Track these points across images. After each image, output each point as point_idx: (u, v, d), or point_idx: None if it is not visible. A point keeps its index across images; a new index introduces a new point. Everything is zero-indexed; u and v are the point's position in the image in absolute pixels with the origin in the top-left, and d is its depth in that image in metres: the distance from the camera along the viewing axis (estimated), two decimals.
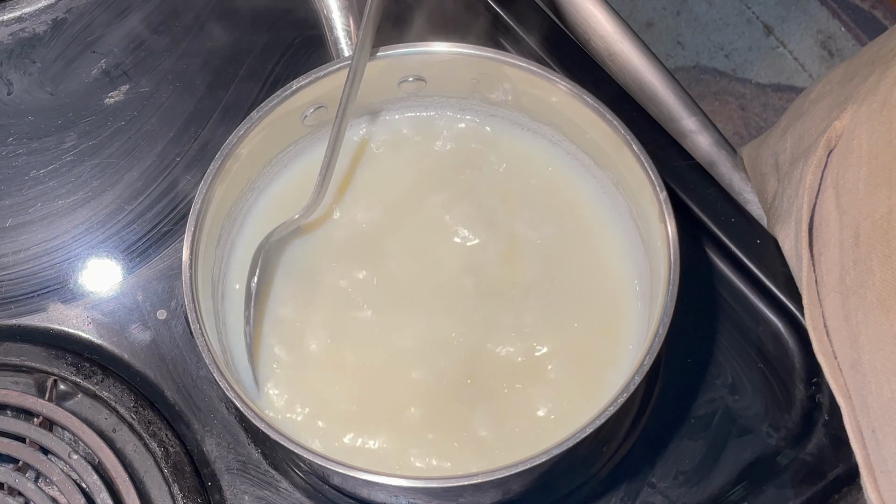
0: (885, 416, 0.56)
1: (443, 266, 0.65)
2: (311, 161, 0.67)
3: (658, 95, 0.77)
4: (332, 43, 0.66)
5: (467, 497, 0.60)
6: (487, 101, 0.67)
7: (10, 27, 0.75)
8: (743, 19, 1.50)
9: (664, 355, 0.68)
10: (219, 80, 0.74)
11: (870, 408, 0.57)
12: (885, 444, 0.56)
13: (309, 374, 0.62)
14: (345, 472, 0.54)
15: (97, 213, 0.72)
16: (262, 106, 0.63)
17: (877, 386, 0.56)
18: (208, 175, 0.61)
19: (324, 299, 0.64)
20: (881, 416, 0.57)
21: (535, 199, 0.67)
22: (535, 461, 0.54)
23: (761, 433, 0.66)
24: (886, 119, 0.57)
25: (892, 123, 0.57)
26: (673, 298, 0.57)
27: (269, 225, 0.66)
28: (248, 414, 0.56)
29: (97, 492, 0.63)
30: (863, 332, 0.57)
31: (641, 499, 0.65)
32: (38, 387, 0.66)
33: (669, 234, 0.59)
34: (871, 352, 0.56)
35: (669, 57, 1.46)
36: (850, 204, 0.60)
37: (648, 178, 0.60)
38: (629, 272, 0.64)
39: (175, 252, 0.70)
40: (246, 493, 0.65)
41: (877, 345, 0.55)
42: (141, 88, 0.75)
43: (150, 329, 0.69)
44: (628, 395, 0.55)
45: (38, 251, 0.71)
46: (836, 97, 0.64)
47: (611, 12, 0.78)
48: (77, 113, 0.74)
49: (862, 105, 0.60)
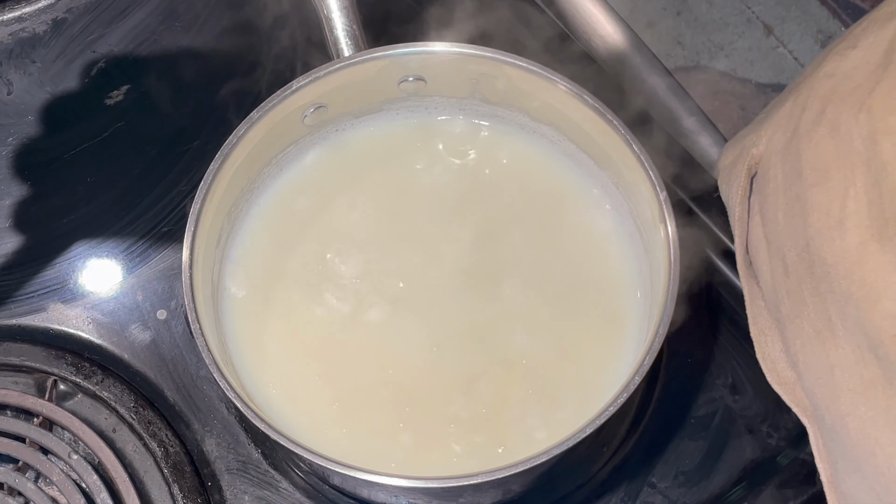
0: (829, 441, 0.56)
1: (441, 266, 0.65)
2: (311, 161, 0.67)
3: (658, 95, 0.77)
4: (332, 43, 0.65)
5: (467, 497, 0.60)
6: (487, 101, 0.67)
7: (10, 27, 0.75)
8: (743, 19, 1.50)
9: (664, 355, 0.68)
10: (219, 80, 0.74)
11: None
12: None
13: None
14: (345, 472, 0.54)
15: (97, 213, 0.72)
16: (262, 106, 0.62)
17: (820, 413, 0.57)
18: (208, 175, 0.61)
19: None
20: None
21: (534, 199, 0.67)
22: (535, 461, 0.54)
23: (761, 433, 0.66)
24: (796, 149, 0.57)
25: (801, 154, 0.56)
26: (673, 298, 0.57)
27: (268, 225, 0.66)
28: (248, 414, 0.56)
29: (97, 492, 0.63)
30: (801, 361, 0.57)
31: (641, 499, 0.65)
32: (38, 387, 0.66)
33: (669, 234, 0.59)
34: (810, 380, 0.56)
35: (669, 57, 1.46)
36: (773, 234, 0.59)
37: (648, 178, 0.60)
38: (629, 272, 0.64)
39: (175, 252, 0.70)
40: (246, 493, 0.65)
41: (815, 374, 0.56)
42: (141, 88, 0.75)
43: (150, 329, 0.69)
44: (628, 395, 0.55)
45: (38, 251, 0.71)
46: (757, 123, 0.64)
47: (611, 12, 0.78)
48: (77, 113, 0.74)
49: (776, 133, 0.60)
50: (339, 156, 0.68)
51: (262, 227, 0.66)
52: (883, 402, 0.50)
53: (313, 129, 0.67)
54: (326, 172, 0.67)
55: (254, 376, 0.62)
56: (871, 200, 0.50)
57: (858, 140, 0.52)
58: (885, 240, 0.49)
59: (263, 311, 0.64)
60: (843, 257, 0.52)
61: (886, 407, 0.50)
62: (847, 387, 0.53)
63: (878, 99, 0.51)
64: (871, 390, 0.51)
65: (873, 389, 0.51)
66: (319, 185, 0.67)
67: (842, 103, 0.54)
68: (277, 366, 0.63)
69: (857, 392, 0.52)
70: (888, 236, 0.49)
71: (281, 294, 0.64)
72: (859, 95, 0.52)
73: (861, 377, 0.52)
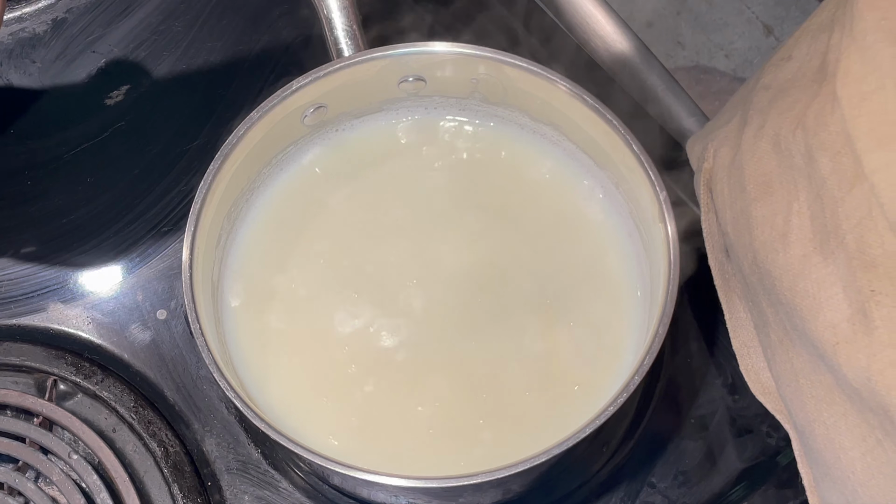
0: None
1: (441, 265, 0.65)
2: (310, 161, 0.67)
3: (658, 95, 0.77)
4: (332, 43, 0.66)
5: (467, 497, 0.60)
6: (487, 101, 0.67)
7: (10, 27, 0.75)
8: (743, 19, 1.50)
9: (664, 355, 0.68)
10: (219, 80, 0.74)
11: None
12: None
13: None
14: (345, 472, 0.54)
15: (97, 213, 0.72)
16: (262, 106, 0.62)
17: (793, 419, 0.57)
18: (208, 175, 0.61)
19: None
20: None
21: (534, 198, 0.67)
22: (535, 461, 0.54)
23: (761, 433, 0.66)
24: (740, 164, 0.57)
25: (745, 169, 0.57)
26: (673, 298, 0.57)
27: (268, 225, 0.66)
28: (248, 414, 0.56)
29: (97, 492, 0.63)
30: (773, 369, 0.58)
31: (641, 499, 0.65)
32: (38, 387, 0.66)
33: (669, 234, 0.59)
34: (782, 388, 0.57)
35: (669, 57, 1.46)
36: (730, 245, 0.60)
37: (648, 178, 0.60)
38: (629, 272, 0.64)
39: (175, 252, 0.70)
40: (246, 493, 0.65)
41: (784, 381, 0.56)
42: (141, 88, 0.75)
43: (150, 329, 0.69)
44: (628, 395, 0.55)
45: (38, 251, 0.71)
46: (706, 132, 0.65)
47: (611, 12, 0.78)
48: (77, 113, 0.74)
49: (722, 146, 0.61)
50: (339, 156, 0.68)
51: (262, 227, 0.66)
52: (840, 407, 0.51)
53: (313, 129, 0.67)
54: (326, 172, 0.67)
55: (254, 376, 0.62)
56: (814, 214, 0.51)
57: (798, 156, 0.53)
58: (826, 253, 0.50)
59: (264, 311, 0.64)
60: (787, 270, 0.53)
61: (843, 412, 0.51)
62: (811, 394, 0.54)
63: (811, 116, 0.52)
64: (830, 396, 0.52)
65: (832, 395, 0.52)
66: (319, 185, 0.67)
67: (781, 118, 0.55)
68: (278, 365, 0.63)
69: (820, 398, 0.53)
70: (829, 249, 0.50)
71: (281, 294, 0.64)
72: (797, 111, 0.53)
73: (821, 384, 0.53)
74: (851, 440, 0.51)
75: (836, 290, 0.50)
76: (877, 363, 0.47)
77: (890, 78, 0.46)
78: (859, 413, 0.50)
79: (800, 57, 0.56)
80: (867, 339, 0.48)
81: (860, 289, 0.48)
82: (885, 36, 0.47)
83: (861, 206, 0.48)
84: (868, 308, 0.48)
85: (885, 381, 0.47)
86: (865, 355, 0.48)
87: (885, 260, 0.47)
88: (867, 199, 0.48)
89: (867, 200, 0.48)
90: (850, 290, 0.49)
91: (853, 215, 0.49)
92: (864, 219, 0.48)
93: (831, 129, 0.50)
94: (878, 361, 0.47)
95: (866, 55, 0.48)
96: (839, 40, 0.51)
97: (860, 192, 0.48)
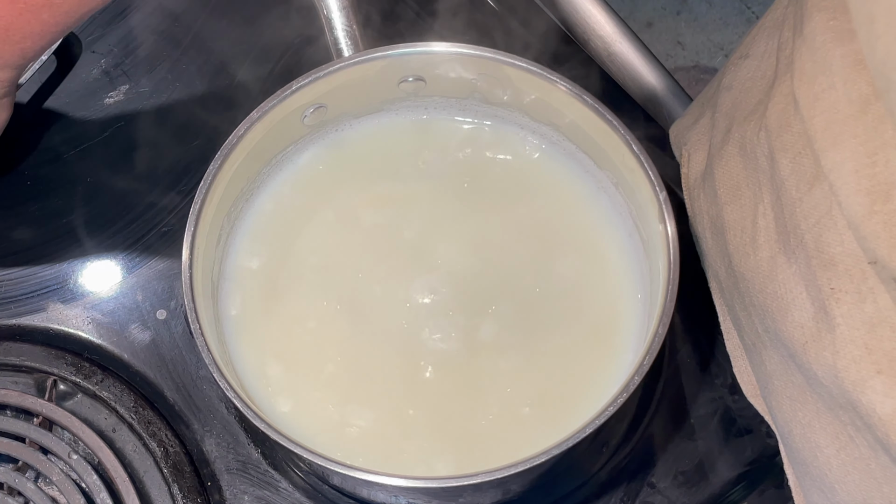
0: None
1: (441, 265, 0.65)
2: (310, 161, 0.67)
3: (658, 95, 0.77)
4: (332, 43, 0.66)
5: (467, 497, 0.60)
6: (487, 101, 0.67)
7: None
8: (743, 19, 1.50)
9: (664, 355, 0.68)
10: (219, 80, 0.75)
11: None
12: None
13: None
14: (345, 472, 0.54)
15: (97, 212, 0.72)
16: (262, 106, 0.63)
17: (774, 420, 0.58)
18: (208, 175, 0.61)
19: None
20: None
21: (534, 198, 0.67)
22: (534, 461, 0.54)
23: (761, 433, 0.66)
24: (710, 169, 0.58)
25: (715, 173, 0.57)
26: (673, 298, 0.57)
27: (268, 225, 0.66)
28: (248, 414, 0.56)
29: (97, 492, 0.63)
30: (753, 372, 0.59)
31: (641, 499, 0.65)
32: (37, 387, 0.66)
33: (669, 234, 0.59)
34: (761, 390, 0.58)
35: (669, 57, 1.46)
36: (708, 250, 0.61)
37: (648, 178, 0.60)
38: (629, 272, 0.64)
39: (175, 252, 0.70)
40: (246, 493, 0.65)
41: (762, 384, 0.57)
42: (141, 88, 0.75)
43: (149, 329, 0.69)
44: (628, 395, 0.55)
45: (38, 251, 0.71)
46: (680, 130, 0.65)
47: (610, 12, 0.78)
48: (77, 113, 0.74)
49: (696, 151, 0.61)
50: (339, 156, 0.68)
51: (262, 227, 0.66)
52: (812, 406, 0.51)
53: (313, 129, 0.67)
54: (326, 172, 0.67)
55: (254, 376, 0.62)
56: (777, 216, 0.52)
57: (763, 157, 0.53)
58: (789, 253, 0.51)
59: (263, 311, 0.64)
60: (757, 272, 0.54)
61: (816, 411, 0.51)
62: (786, 395, 0.54)
63: (772, 117, 0.52)
64: (803, 395, 0.52)
65: (805, 395, 0.52)
66: (319, 185, 0.67)
67: (745, 121, 0.55)
68: (277, 365, 0.63)
69: (794, 399, 0.53)
70: (791, 249, 0.50)
71: (281, 294, 0.64)
72: (760, 113, 0.53)
73: (793, 384, 0.53)
74: (826, 438, 0.51)
75: (801, 290, 0.50)
76: (841, 360, 0.48)
77: (839, 77, 0.46)
78: (830, 411, 0.50)
79: (757, 55, 0.56)
80: (830, 337, 0.48)
81: (821, 287, 0.48)
82: (834, 36, 0.47)
83: (820, 206, 0.48)
84: (829, 306, 0.48)
85: (850, 378, 0.47)
86: (831, 353, 0.48)
87: (845, 258, 0.47)
88: (826, 198, 0.48)
89: (826, 199, 0.48)
90: (812, 288, 0.49)
91: (812, 214, 0.49)
92: (822, 218, 0.48)
93: (794, 130, 0.50)
94: (842, 358, 0.48)
95: (817, 55, 0.48)
96: (791, 39, 0.51)
97: (819, 191, 0.48)
